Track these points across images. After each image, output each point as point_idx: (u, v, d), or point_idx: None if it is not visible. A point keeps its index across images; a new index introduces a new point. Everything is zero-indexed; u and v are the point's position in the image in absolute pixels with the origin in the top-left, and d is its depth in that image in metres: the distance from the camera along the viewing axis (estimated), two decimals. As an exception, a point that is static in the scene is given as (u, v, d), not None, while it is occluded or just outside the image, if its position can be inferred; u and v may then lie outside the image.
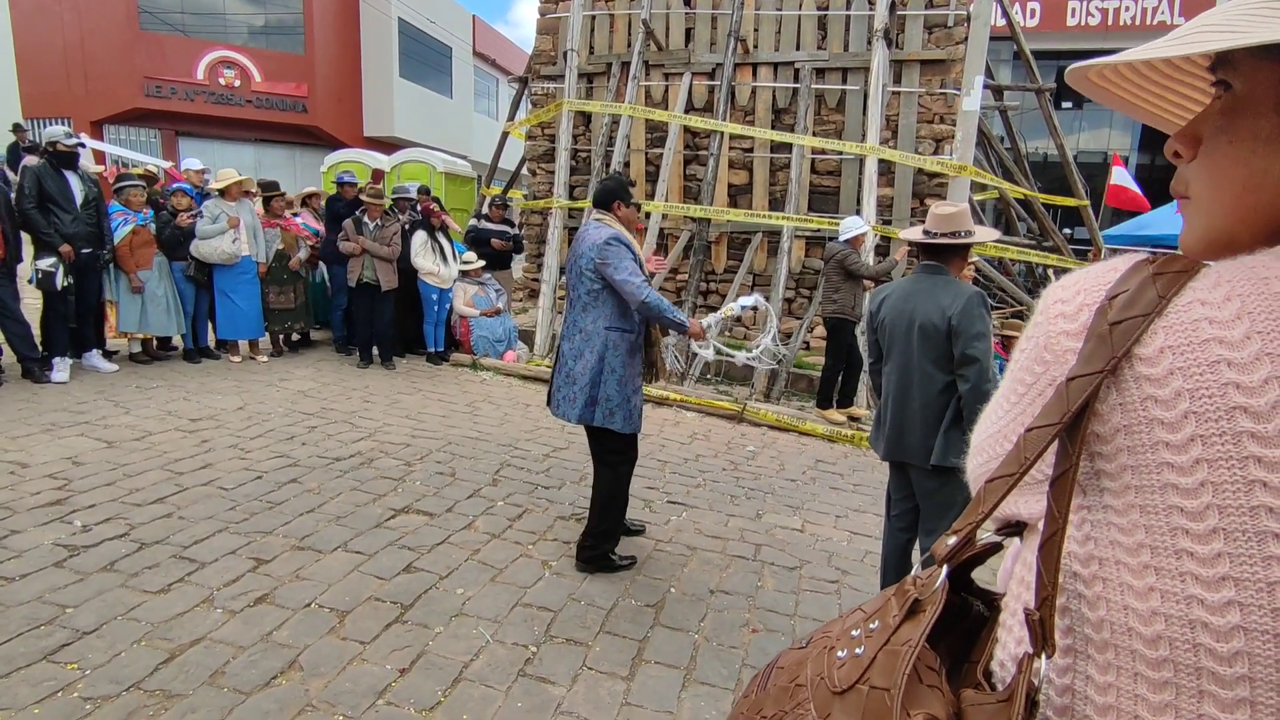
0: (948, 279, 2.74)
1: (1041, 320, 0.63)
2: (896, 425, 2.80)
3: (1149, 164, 21.03)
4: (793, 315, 8.52)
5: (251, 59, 18.14)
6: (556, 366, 3.35)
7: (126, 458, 4.10)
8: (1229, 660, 0.51)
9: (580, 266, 3.21)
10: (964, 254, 2.84)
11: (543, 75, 10.01)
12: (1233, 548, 0.50)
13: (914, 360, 2.72)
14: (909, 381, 2.75)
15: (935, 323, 2.64)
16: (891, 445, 2.82)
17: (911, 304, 2.74)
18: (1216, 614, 0.51)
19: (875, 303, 2.92)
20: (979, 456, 0.73)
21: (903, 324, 2.76)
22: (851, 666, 0.63)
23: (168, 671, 2.33)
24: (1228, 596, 0.50)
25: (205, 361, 6.66)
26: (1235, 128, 0.59)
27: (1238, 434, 0.50)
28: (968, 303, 2.60)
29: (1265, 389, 0.50)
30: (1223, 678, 0.51)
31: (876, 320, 2.90)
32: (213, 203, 6.43)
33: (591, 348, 3.19)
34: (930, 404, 2.69)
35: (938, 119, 8.17)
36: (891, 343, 2.83)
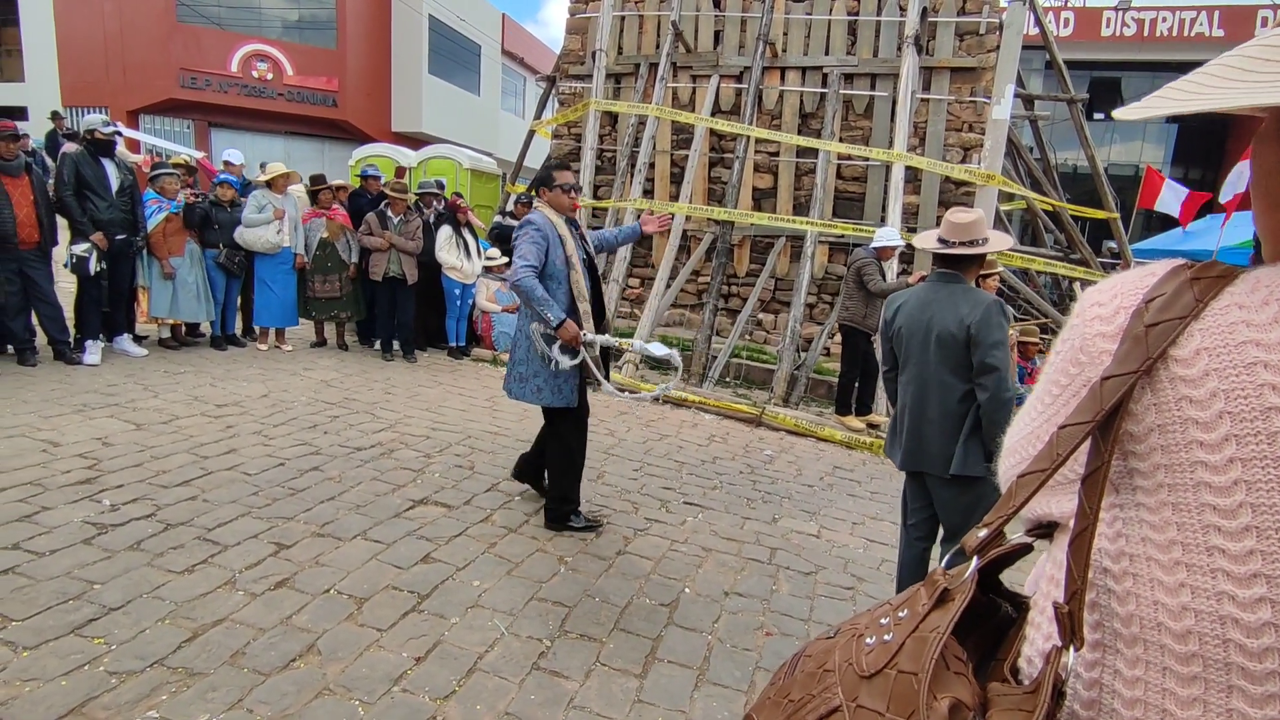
0: (965, 287, 2.72)
1: (1078, 323, 0.64)
2: (914, 434, 2.77)
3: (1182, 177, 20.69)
4: (814, 321, 8.48)
5: (284, 52, 18.40)
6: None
7: (154, 440, 4.18)
8: (1259, 656, 0.51)
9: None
10: (980, 261, 2.82)
11: (571, 75, 10.06)
12: (1265, 545, 0.51)
13: (932, 369, 2.70)
14: (926, 390, 2.72)
15: (953, 331, 2.62)
16: (909, 455, 2.79)
17: (929, 312, 2.72)
18: (1248, 610, 0.51)
19: (890, 311, 2.90)
20: (1012, 458, 0.73)
21: (919, 332, 2.73)
22: (880, 652, 0.64)
23: (190, 650, 2.37)
24: (1259, 593, 0.51)
25: (231, 349, 6.76)
26: (1261, 154, 0.61)
27: (1273, 434, 0.51)
28: (986, 311, 2.58)
29: None
30: (1253, 673, 0.51)
31: (892, 329, 2.87)
32: (260, 193, 6.58)
33: (521, 329, 3.50)
34: (949, 413, 2.66)
35: (967, 127, 8.10)
36: (908, 351, 2.80)
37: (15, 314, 5.35)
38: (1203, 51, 17.39)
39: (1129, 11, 18.26)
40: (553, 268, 3.41)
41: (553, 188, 3.51)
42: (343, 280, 7.13)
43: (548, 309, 3.30)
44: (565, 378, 3.46)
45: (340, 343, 7.45)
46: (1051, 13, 18.48)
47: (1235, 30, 16.91)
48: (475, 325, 7.86)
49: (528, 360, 3.47)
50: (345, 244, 7.10)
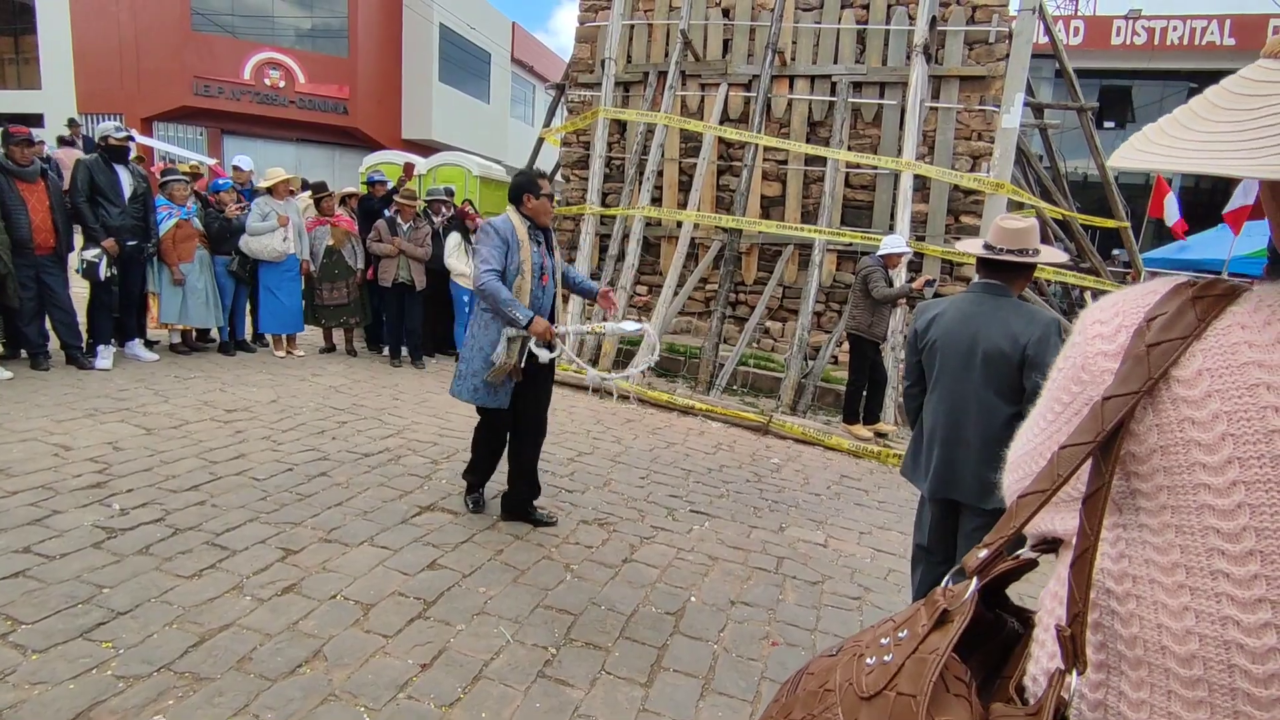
0: (1015, 301, 2.49)
1: (1079, 341, 0.63)
2: (947, 459, 2.54)
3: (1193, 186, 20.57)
4: (822, 329, 8.47)
5: (296, 61, 18.59)
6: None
7: (164, 445, 4.21)
8: (1264, 681, 0.51)
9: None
10: (1028, 274, 2.57)
11: (580, 83, 10.11)
12: (1269, 569, 0.50)
13: (973, 388, 2.46)
14: (964, 411, 2.49)
15: (1005, 350, 2.38)
16: (939, 481, 2.56)
17: (973, 327, 2.47)
18: (1252, 635, 0.51)
19: (922, 322, 2.65)
20: (1014, 474, 0.73)
21: (960, 348, 2.50)
22: (879, 673, 0.63)
23: (197, 655, 2.38)
24: (1264, 618, 0.51)
25: (240, 354, 6.81)
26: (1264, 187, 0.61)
27: (1276, 457, 0.50)
28: (1046, 331, 2.34)
29: None
30: (1258, 699, 0.51)
31: (923, 340, 2.63)
32: (263, 200, 6.63)
33: (471, 331, 3.59)
34: (990, 438, 2.40)
35: (976, 136, 8.09)
36: (943, 367, 2.56)
37: (30, 319, 5.41)
38: (1213, 60, 17.32)
39: (1139, 20, 18.21)
40: (508, 272, 3.48)
41: (539, 196, 3.56)
42: (350, 286, 7.18)
43: (515, 309, 3.38)
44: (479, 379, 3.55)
45: (349, 348, 7.49)
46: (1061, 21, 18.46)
47: (1246, 39, 16.83)
48: (483, 332, 7.88)
49: (468, 359, 3.57)
50: (351, 250, 7.14)
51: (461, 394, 3.61)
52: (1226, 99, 0.55)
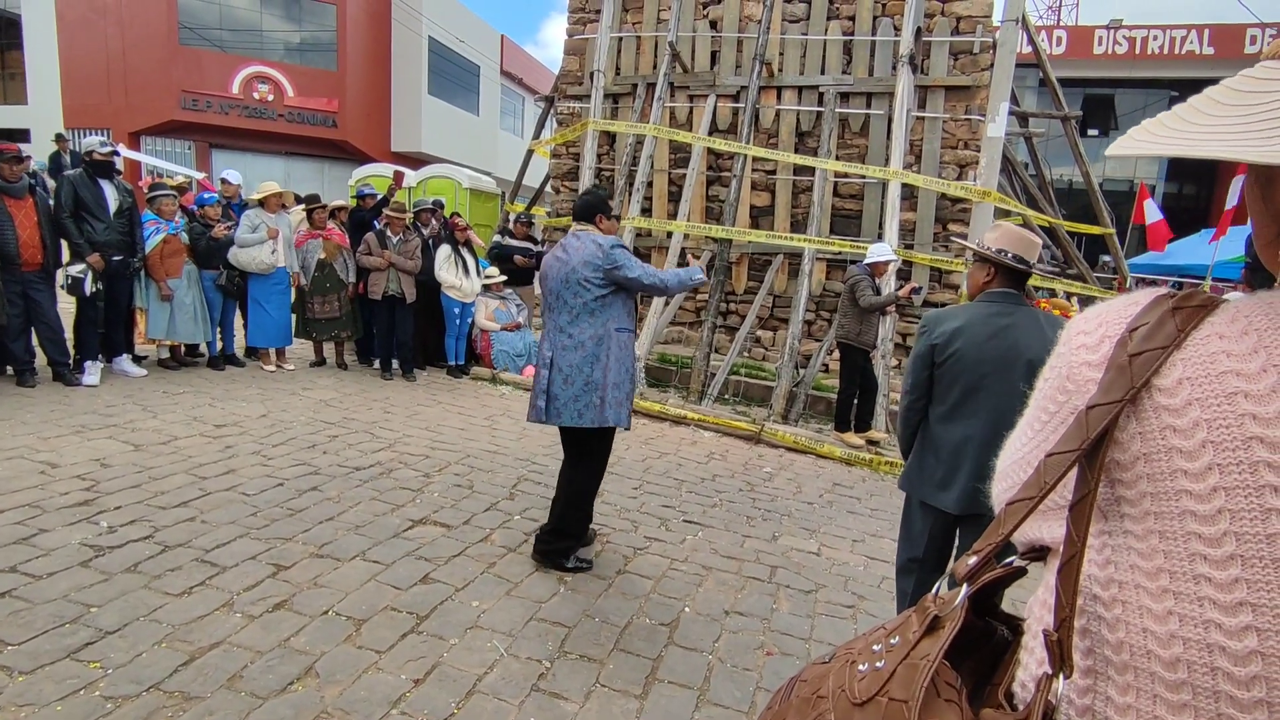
0: (1040, 310, 2.46)
1: (1064, 351, 0.65)
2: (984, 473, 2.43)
3: (1176, 193, 20.83)
4: (812, 338, 8.51)
5: (285, 74, 18.59)
6: (550, 378, 3.32)
7: (153, 461, 4.18)
8: (1246, 684, 0.52)
9: (580, 276, 3.27)
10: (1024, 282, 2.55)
11: (569, 95, 10.16)
12: (1250, 574, 0.51)
13: (1018, 401, 2.31)
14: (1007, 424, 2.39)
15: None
16: (971, 496, 2.43)
17: (1010, 337, 2.38)
18: (1234, 639, 0.52)
19: (940, 333, 2.50)
20: (1003, 482, 0.74)
21: (998, 359, 2.39)
22: (872, 679, 0.64)
23: (187, 673, 2.36)
24: (1245, 622, 0.52)
25: (230, 369, 6.77)
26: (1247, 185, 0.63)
27: (1254, 463, 0.52)
28: None
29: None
30: (1240, 701, 0.52)
31: (945, 353, 2.48)
32: (254, 212, 6.61)
33: (607, 351, 3.28)
34: None
35: (962, 145, 8.18)
36: (976, 379, 2.43)
37: (16, 335, 5.37)
38: (1193, 69, 17.58)
39: (1120, 30, 18.48)
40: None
41: (610, 217, 3.48)
42: (342, 300, 7.16)
43: (695, 274, 3.51)
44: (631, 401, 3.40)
45: (339, 362, 7.46)
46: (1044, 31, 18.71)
47: (1224, 48, 17.10)
48: (474, 344, 7.88)
49: (620, 384, 3.30)
50: (343, 263, 7.13)
51: (626, 420, 3.35)
52: (1231, 96, 0.56)
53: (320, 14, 18.97)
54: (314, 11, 18.94)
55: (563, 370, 3.30)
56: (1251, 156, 0.51)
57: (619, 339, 3.33)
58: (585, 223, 3.43)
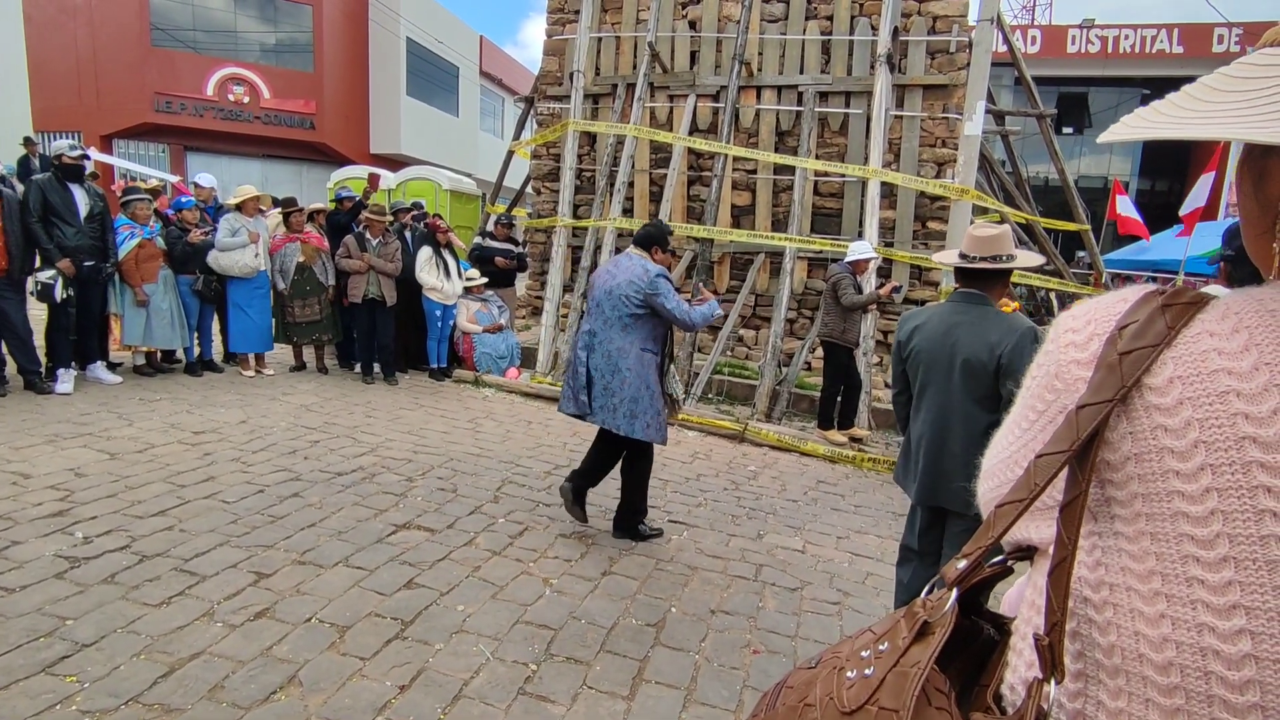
0: (994, 310, 2.52)
1: (1052, 349, 0.64)
2: (933, 468, 2.58)
3: (1149, 189, 21.17)
4: (795, 336, 8.54)
5: (261, 76, 18.34)
6: (581, 376, 3.71)
7: (129, 469, 4.10)
8: (1240, 688, 0.51)
9: (622, 292, 3.64)
10: (1005, 280, 2.61)
11: (549, 95, 10.12)
12: (1243, 576, 0.51)
13: (955, 398, 2.50)
14: (948, 420, 2.53)
15: (983, 360, 2.42)
16: (926, 489, 2.62)
17: (953, 337, 2.51)
18: (1228, 642, 0.51)
19: (904, 331, 2.69)
20: (989, 481, 0.74)
21: (942, 358, 2.54)
22: (861, 687, 0.63)
23: (167, 685, 2.32)
24: (1239, 625, 0.51)
25: (208, 375, 6.67)
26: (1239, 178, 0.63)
27: (1247, 463, 0.51)
28: (1020, 340, 2.38)
29: (1273, 420, 0.50)
30: (1234, 705, 0.51)
31: (907, 350, 2.66)
32: (232, 216, 6.52)
33: (629, 366, 3.63)
34: (973, 446, 2.44)
35: (940, 143, 8.25)
36: (927, 377, 2.60)
37: (-15, 343, 5.25)
38: (1163, 68, 17.88)
39: (1093, 29, 18.75)
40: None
41: (666, 250, 3.84)
42: (322, 303, 7.08)
43: (715, 310, 3.83)
44: (664, 417, 3.78)
45: (320, 366, 7.38)
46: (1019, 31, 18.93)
47: (1193, 47, 17.41)
48: (456, 346, 7.83)
49: (638, 399, 3.63)
50: (321, 266, 7.05)
51: (659, 438, 3.73)
52: (1229, 82, 0.56)
53: (296, 15, 18.74)
54: (289, 12, 18.71)
55: (588, 369, 3.70)
56: (1251, 136, 0.51)
57: (642, 358, 3.66)
58: (642, 249, 3.80)
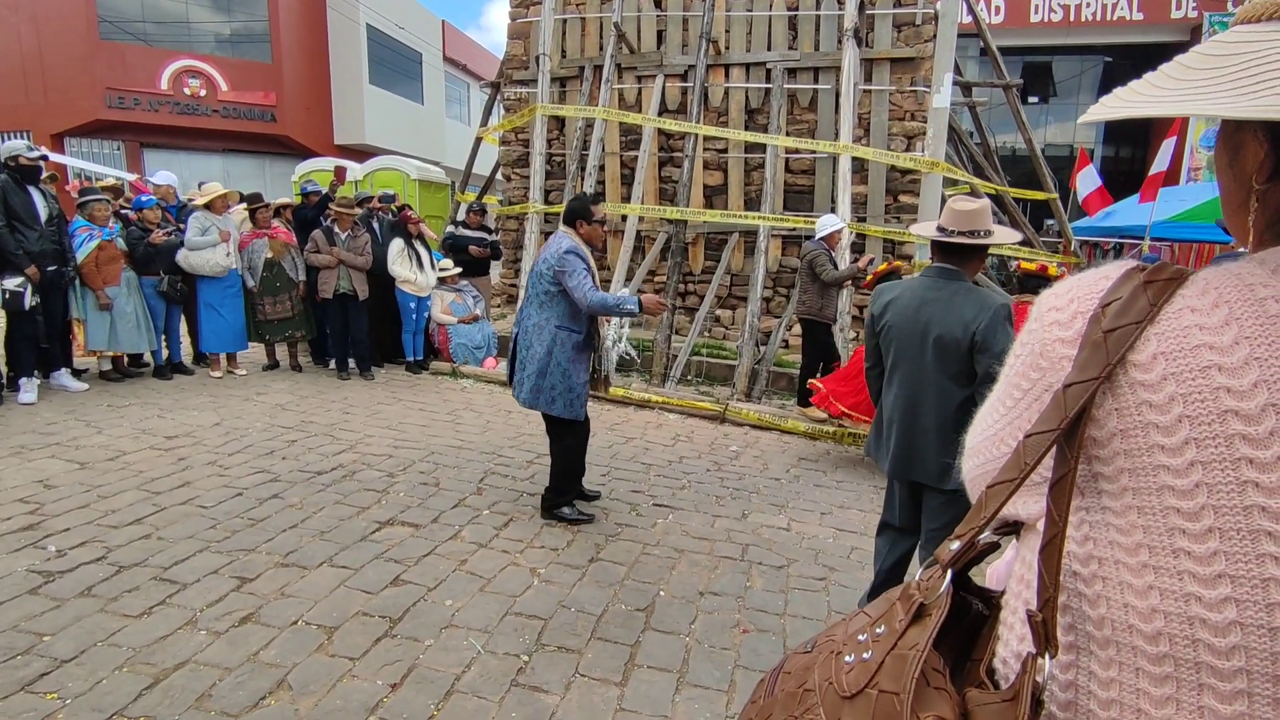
0: (968, 286, 2.51)
1: (1036, 328, 0.64)
2: (905, 442, 2.59)
3: (1114, 155, 21.46)
4: (771, 314, 8.56)
5: (217, 68, 17.85)
6: (513, 354, 3.83)
7: (100, 479, 4.01)
8: (1226, 654, 0.52)
9: (540, 269, 3.71)
10: (982, 256, 2.59)
11: (515, 80, 9.97)
12: (1228, 546, 0.52)
13: (928, 373, 2.50)
14: (921, 395, 2.53)
15: (956, 335, 2.42)
16: (899, 463, 2.63)
17: (927, 313, 2.50)
18: (1214, 610, 0.53)
19: (878, 305, 2.68)
20: (975, 458, 0.74)
21: (915, 333, 2.53)
22: (860, 671, 0.63)
23: (152, 697, 2.28)
24: (1224, 594, 0.52)
25: (178, 377, 6.54)
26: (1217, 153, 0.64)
27: (1230, 437, 0.52)
28: (994, 316, 2.38)
29: (1254, 393, 0.51)
30: (1221, 671, 0.53)
31: (880, 324, 2.66)
32: (201, 214, 6.36)
33: (541, 341, 3.68)
34: (945, 421, 2.47)
35: (909, 116, 8.27)
36: (900, 352, 2.59)
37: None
38: (1125, 34, 18.07)
39: (1055, -3, 18.85)
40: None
41: (592, 221, 3.77)
42: (293, 299, 6.96)
43: (623, 303, 3.65)
44: (577, 393, 3.75)
45: (294, 364, 7.26)
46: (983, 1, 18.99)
47: (1153, 13, 17.59)
48: (432, 338, 7.74)
49: (544, 373, 3.67)
50: (291, 262, 6.92)
51: (567, 413, 3.74)
52: (1202, 60, 0.57)
53: (250, 3, 18.22)
54: (244, 1, 18.19)
55: (516, 346, 3.82)
56: (1217, 111, 0.52)
57: (557, 335, 3.68)
58: (567, 226, 3.80)
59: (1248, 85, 0.51)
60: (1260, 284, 0.54)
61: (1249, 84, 0.51)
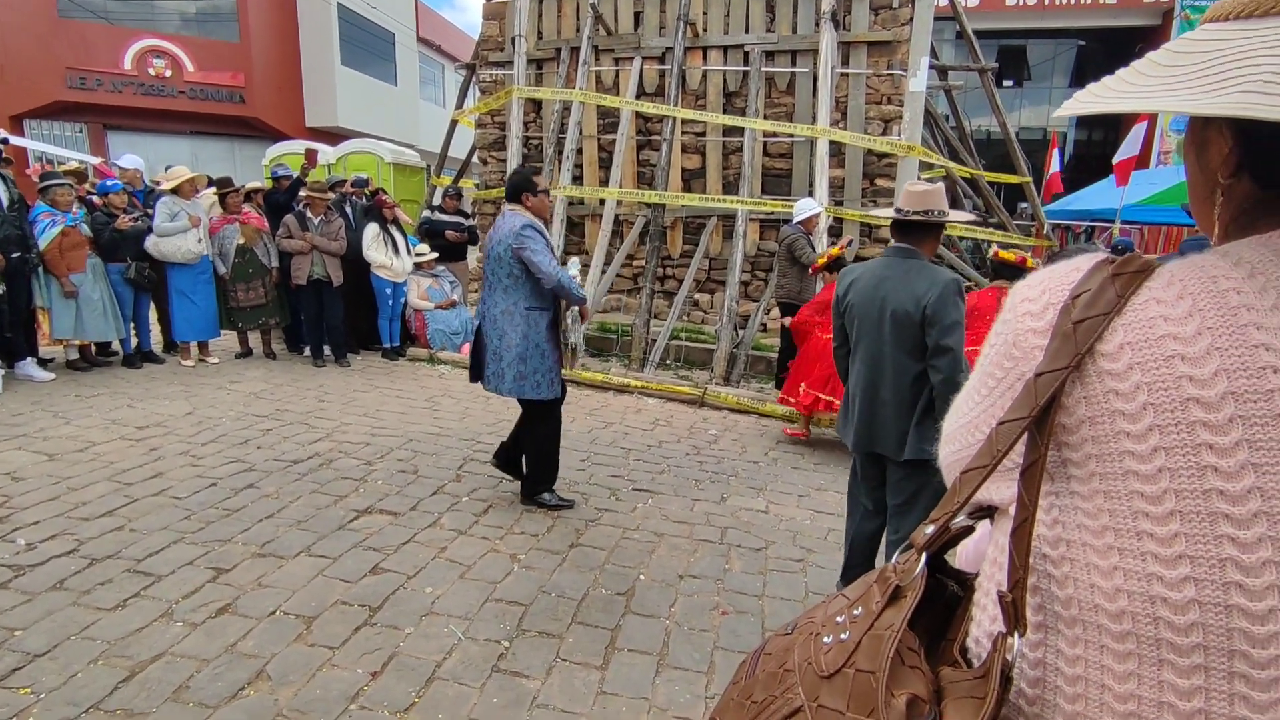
0: (922, 263, 2.62)
1: (1009, 318, 0.66)
2: (866, 415, 2.70)
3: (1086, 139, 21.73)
4: (749, 298, 8.59)
5: (183, 48, 17.37)
6: (480, 346, 3.73)
7: (70, 470, 3.94)
8: (1185, 631, 0.55)
9: (498, 253, 3.59)
10: (936, 235, 2.73)
11: (491, 62, 9.83)
12: (1188, 528, 0.54)
13: (886, 349, 2.61)
14: (880, 370, 2.64)
15: (909, 310, 2.53)
16: (862, 436, 2.73)
17: (883, 290, 2.61)
18: (1174, 589, 0.55)
19: (843, 286, 2.78)
20: (951, 445, 0.75)
21: (873, 310, 2.63)
22: (838, 651, 0.65)
23: (128, 690, 2.26)
24: (1184, 573, 0.54)
25: (148, 366, 6.42)
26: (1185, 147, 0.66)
27: (1191, 423, 0.54)
28: (944, 291, 2.49)
29: (1215, 381, 0.54)
30: (1180, 647, 0.55)
31: (844, 304, 2.77)
32: (169, 199, 6.21)
33: (514, 326, 3.59)
34: (902, 394, 2.59)
35: (885, 100, 8.28)
36: (861, 329, 2.70)
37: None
38: (1097, 18, 18.23)
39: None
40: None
41: (536, 193, 3.66)
42: (266, 286, 6.84)
43: (579, 293, 3.68)
44: (556, 371, 3.69)
45: (267, 351, 7.16)
46: (958, -16, 19.01)
47: (1126, -3, 17.78)
48: (409, 324, 7.67)
49: (525, 358, 3.60)
50: (264, 248, 6.80)
51: (550, 394, 3.69)
52: (1170, 58, 0.59)
53: (216, -19, 17.74)
54: (209, -22, 17.71)
55: (484, 337, 3.69)
56: (1181, 107, 0.54)
57: (529, 317, 3.60)
58: (513, 203, 3.67)
59: (1212, 83, 0.53)
60: (1223, 276, 0.56)
61: (1213, 82, 0.53)
